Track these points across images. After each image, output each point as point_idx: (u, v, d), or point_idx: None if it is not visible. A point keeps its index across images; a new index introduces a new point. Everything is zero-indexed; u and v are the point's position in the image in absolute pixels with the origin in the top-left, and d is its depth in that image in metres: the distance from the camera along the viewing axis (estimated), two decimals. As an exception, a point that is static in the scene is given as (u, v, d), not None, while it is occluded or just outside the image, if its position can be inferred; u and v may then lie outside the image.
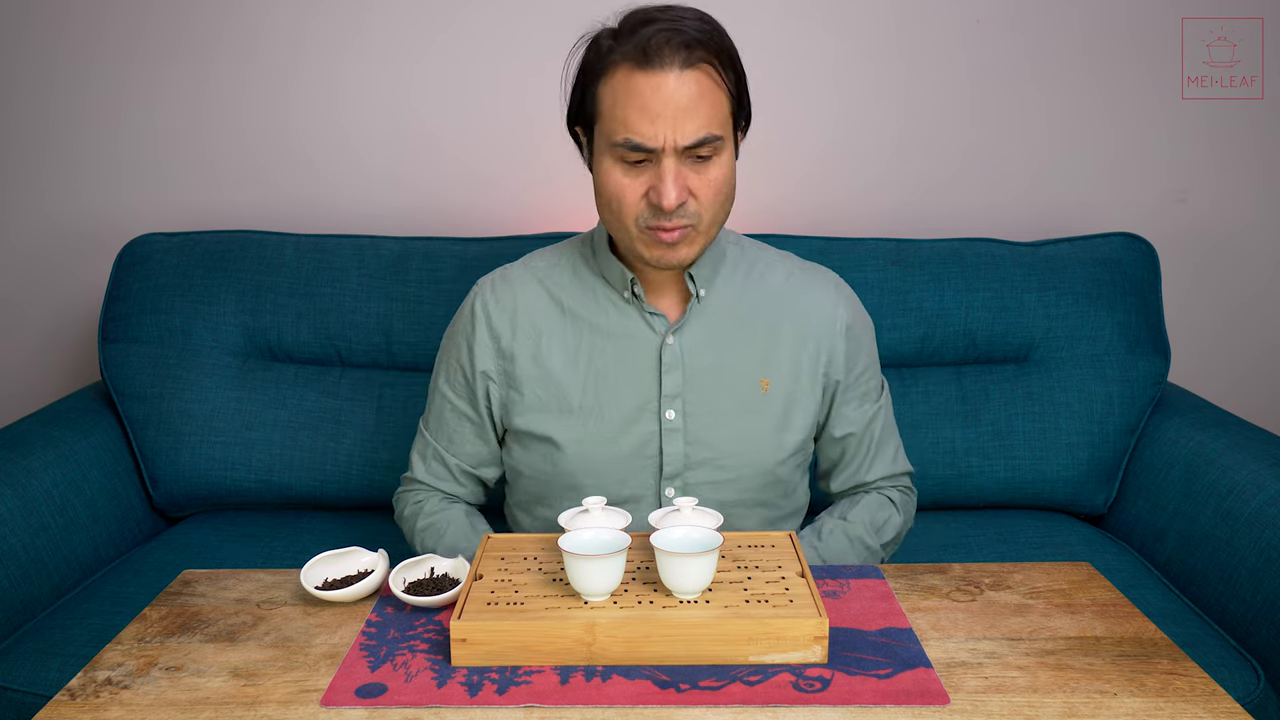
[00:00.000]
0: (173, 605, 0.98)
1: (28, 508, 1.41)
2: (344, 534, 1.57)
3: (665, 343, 1.15)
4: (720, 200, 1.07)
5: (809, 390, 1.19)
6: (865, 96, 1.85)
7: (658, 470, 1.16)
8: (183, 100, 1.86)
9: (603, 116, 1.05)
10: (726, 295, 1.18)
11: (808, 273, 1.23)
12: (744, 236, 1.26)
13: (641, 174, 1.05)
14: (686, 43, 1.01)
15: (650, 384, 1.16)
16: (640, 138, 1.02)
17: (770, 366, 1.18)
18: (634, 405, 1.16)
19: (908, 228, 1.81)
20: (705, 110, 1.02)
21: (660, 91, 1.01)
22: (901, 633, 0.90)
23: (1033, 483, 1.62)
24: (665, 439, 1.15)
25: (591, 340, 1.17)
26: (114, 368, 1.66)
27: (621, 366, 1.16)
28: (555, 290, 1.19)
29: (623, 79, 1.02)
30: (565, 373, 1.17)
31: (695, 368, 1.16)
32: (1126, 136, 1.86)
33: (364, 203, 1.89)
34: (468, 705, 0.80)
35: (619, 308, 1.17)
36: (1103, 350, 1.63)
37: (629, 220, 1.07)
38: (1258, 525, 1.32)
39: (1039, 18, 1.81)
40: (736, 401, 1.16)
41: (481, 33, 1.82)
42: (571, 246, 1.23)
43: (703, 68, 1.02)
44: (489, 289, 1.21)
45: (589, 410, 1.16)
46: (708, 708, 0.79)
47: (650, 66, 1.01)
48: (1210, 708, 0.79)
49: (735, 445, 1.16)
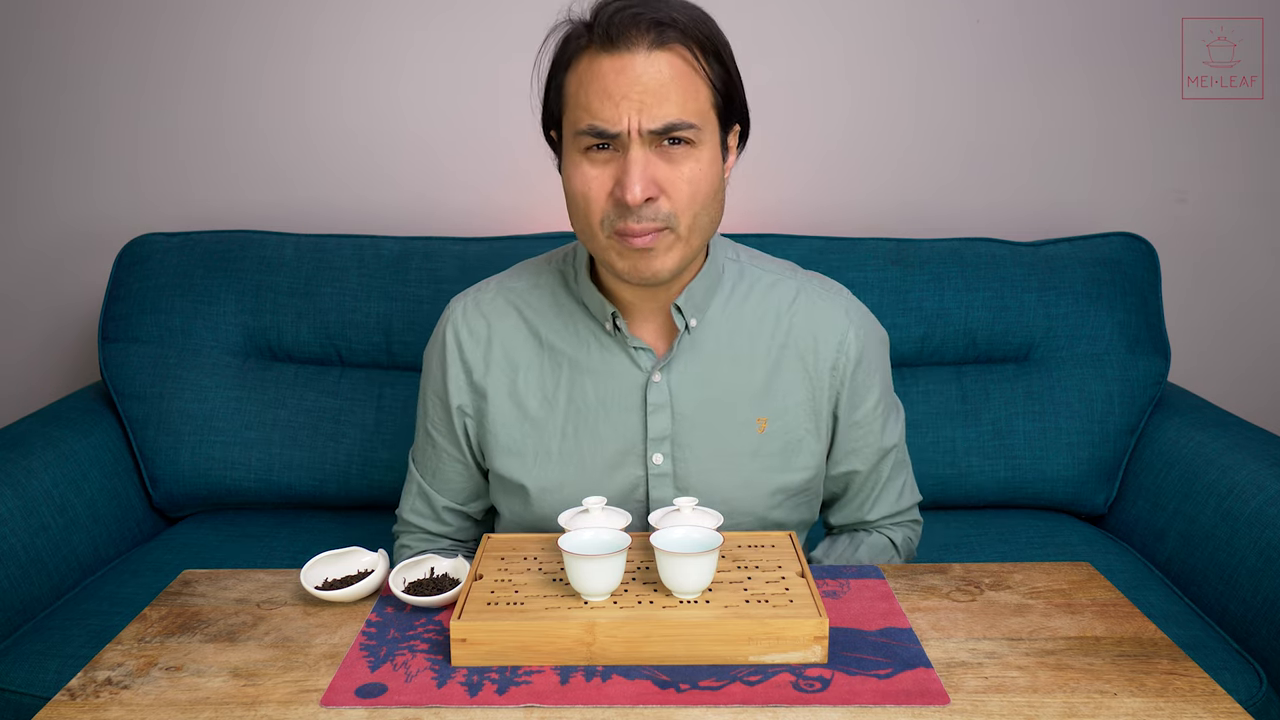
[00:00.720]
0: (173, 605, 0.98)
1: (28, 508, 1.41)
2: (344, 534, 1.57)
3: (651, 380, 1.06)
4: (699, 201, 0.96)
5: (813, 429, 1.09)
6: (866, 97, 1.85)
7: (644, 516, 1.07)
8: (184, 100, 1.86)
9: (568, 106, 0.96)
10: (721, 324, 1.07)
11: (815, 296, 1.11)
12: (744, 248, 1.15)
13: (608, 166, 0.95)
14: (657, 21, 0.92)
15: (635, 426, 1.06)
16: (602, 121, 0.92)
17: (769, 404, 1.07)
18: (617, 449, 1.06)
19: (908, 228, 1.81)
20: (676, 95, 0.92)
21: (625, 73, 0.91)
22: (901, 633, 0.90)
23: (1033, 483, 1.62)
24: (652, 484, 1.07)
25: (571, 377, 1.07)
26: (114, 367, 1.66)
27: (604, 406, 1.06)
28: (533, 319, 1.09)
29: (587, 64, 0.94)
30: (542, 412, 1.08)
31: (685, 407, 1.06)
32: (1126, 136, 1.86)
33: (364, 203, 1.89)
34: (468, 705, 0.80)
35: (600, 341, 1.07)
36: (1103, 350, 1.63)
37: (595, 223, 0.97)
38: (1258, 525, 1.32)
39: (1039, 18, 1.81)
40: (730, 444, 1.07)
41: (481, 33, 1.82)
42: (552, 266, 1.12)
43: (675, 49, 0.93)
44: (460, 316, 1.11)
45: (568, 455, 1.07)
46: (708, 708, 0.79)
47: (615, 48, 0.92)
48: (1210, 708, 0.79)
49: (729, 491, 1.07)
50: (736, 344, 1.08)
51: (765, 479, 1.09)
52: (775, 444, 1.08)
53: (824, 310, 1.10)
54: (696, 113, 0.95)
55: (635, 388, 1.06)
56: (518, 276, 1.14)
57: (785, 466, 1.09)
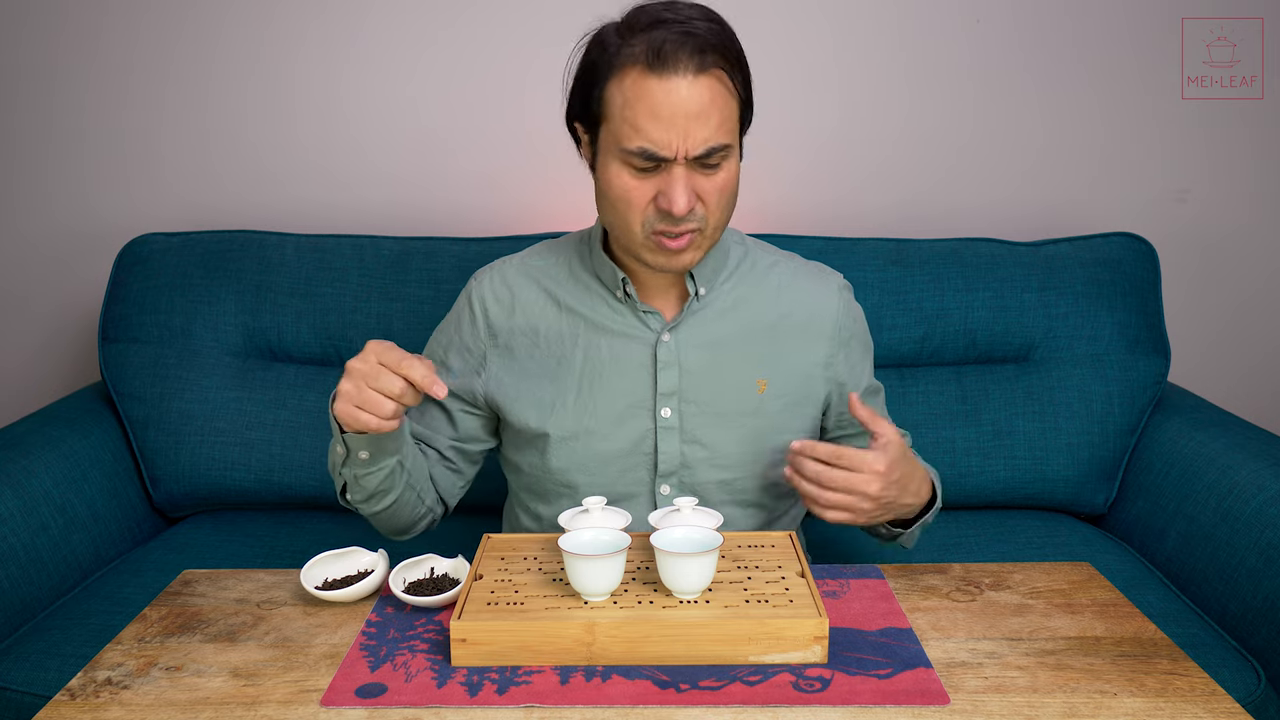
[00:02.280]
0: (173, 605, 0.98)
1: (28, 508, 1.41)
2: (344, 534, 1.57)
3: (661, 340, 1.14)
4: (725, 204, 1.06)
5: (808, 394, 1.18)
6: (866, 96, 1.85)
7: (652, 467, 1.15)
8: (183, 100, 1.86)
9: (611, 119, 1.03)
10: (726, 294, 1.17)
11: (811, 274, 1.22)
12: (748, 236, 1.25)
13: (650, 178, 1.03)
14: (700, 48, 0.99)
15: (645, 381, 1.14)
16: (654, 146, 0.99)
17: (768, 367, 1.16)
18: (628, 402, 1.15)
19: (908, 227, 1.81)
20: (716, 118, 1.00)
21: (672, 97, 0.98)
22: (901, 633, 0.90)
23: (1033, 483, 1.62)
24: (661, 437, 1.14)
25: (587, 336, 1.16)
26: (114, 368, 1.66)
27: (616, 363, 1.15)
28: (551, 288, 1.18)
29: (634, 82, 1.00)
30: (561, 368, 1.16)
31: (691, 366, 1.15)
32: (1126, 136, 1.86)
33: (364, 203, 1.89)
34: (468, 705, 0.80)
35: (613, 306, 1.16)
36: (1103, 350, 1.63)
37: (635, 224, 1.05)
38: (1258, 525, 1.32)
39: (1039, 18, 1.81)
40: (733, 402, 1.15)
41: (481, 33, 1.82)
42: (569, 246, 1.22)
43: (715, 73, 1.00)
44: (487, 284, 1.20)
45: (583, 406, 1.15)
46: (708, 708, 0.79)
47: (664, 71, 0.98)
48: (1210, 708, 0.79)
49: (731, 446, 1.15)
50: (739, 312, 1.17)
51: (765, 437, 1.16)
52: (775, 405, 1.17)
53: (820, 287, 1.21)
54: (729, 132, 1.03)
55: (646, 346, 1.15)
56: (537, 255, 1.23)
57: (784, 427, 1.17)
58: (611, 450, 1.15)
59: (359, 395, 0.98)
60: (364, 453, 1.05)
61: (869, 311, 1.31)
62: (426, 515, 1.20)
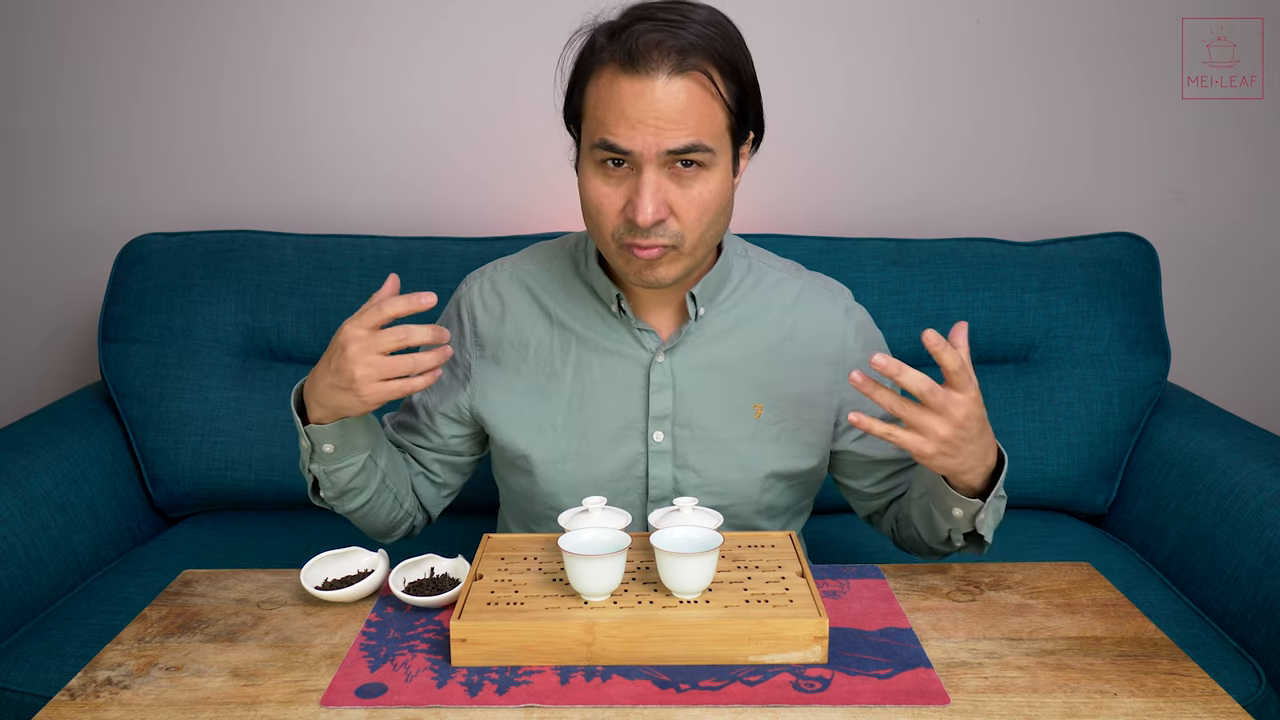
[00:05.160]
0: (173, 605, 0.98)
1: (28, 508, 1.41)
2: (344, 534, 1.56)
3: (655, 361, 1.09)
4: (706, 220, 0.99)
5: (811, 420, 1.12)
6: (866, 96, 1.85)
7: (644, 492, 1.11)
8: (183, 100, 1.86)
9: (586, 117, 0.99)
10: (726, 313, 1.11)
11: (818, 292, 1.15)
12: (752, 246, 1.19)
13: (622, 184, 0.98)
14: (680, 48, 0.93)
15: (637, 403, 1.09)
16: (616, 139, 0.94)
17: (767, 393, 1.11)
18: (619, 425, 1.10)
19: (908, 228, 1.81)
20: (693, 121, 0.94)
21: (643, 98, 0.93)
22: (901, 633, 0.90)
23: (1032, 482, 1.62)
24: (652, 461, 1.10)
25: (579, 353, 1.11)
26: (114, 367, 1.66)
27: (609, 382, 1.10)
28: (543, 298, 1.13)
29: (607, 81, 0.96)
30: (550, 385, 1.11)
31: (686, 390, 1.09)
32: (1126, 136, 1.86)
33: (364, 203, 1.89)
34: (468, 705, 0.80)
35: (607, 322, 1.11)
36: (1103, 350, 1.63)
37: (606, 233, 1.00)
38: (1258, 525, 1.32)
39: (1039, 18, 1.81)
40: (728, 427, 1.10)
41: (481, 33, 1.82)
42: (564, 250, 1.16)
43: (695, 76, 0.94)
44: (476, 292, 1.16)
45: (572, 427, 1.10)
46: (708, 708, 0.79)
47: (635, 71, 0.93)
48: (1210, 708, 0.79)
49: (725, 473, 1.10)
50: (739, 333, 1.12)
51: (760, 463, 1.11)
52: (771, 431, 1.12)
53: (826, 309, 1.15)
54: (711, 136, 0.97)
55: (639, 367, 1.10)
56: (530, 259, 1.18)
57: (781, 454, 1.12)
58: (601, 473, 1.11)
59: (380, 366, 0.97)
60: (329, 445, 1.04)
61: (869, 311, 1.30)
62: (406, 520, 1.18)
